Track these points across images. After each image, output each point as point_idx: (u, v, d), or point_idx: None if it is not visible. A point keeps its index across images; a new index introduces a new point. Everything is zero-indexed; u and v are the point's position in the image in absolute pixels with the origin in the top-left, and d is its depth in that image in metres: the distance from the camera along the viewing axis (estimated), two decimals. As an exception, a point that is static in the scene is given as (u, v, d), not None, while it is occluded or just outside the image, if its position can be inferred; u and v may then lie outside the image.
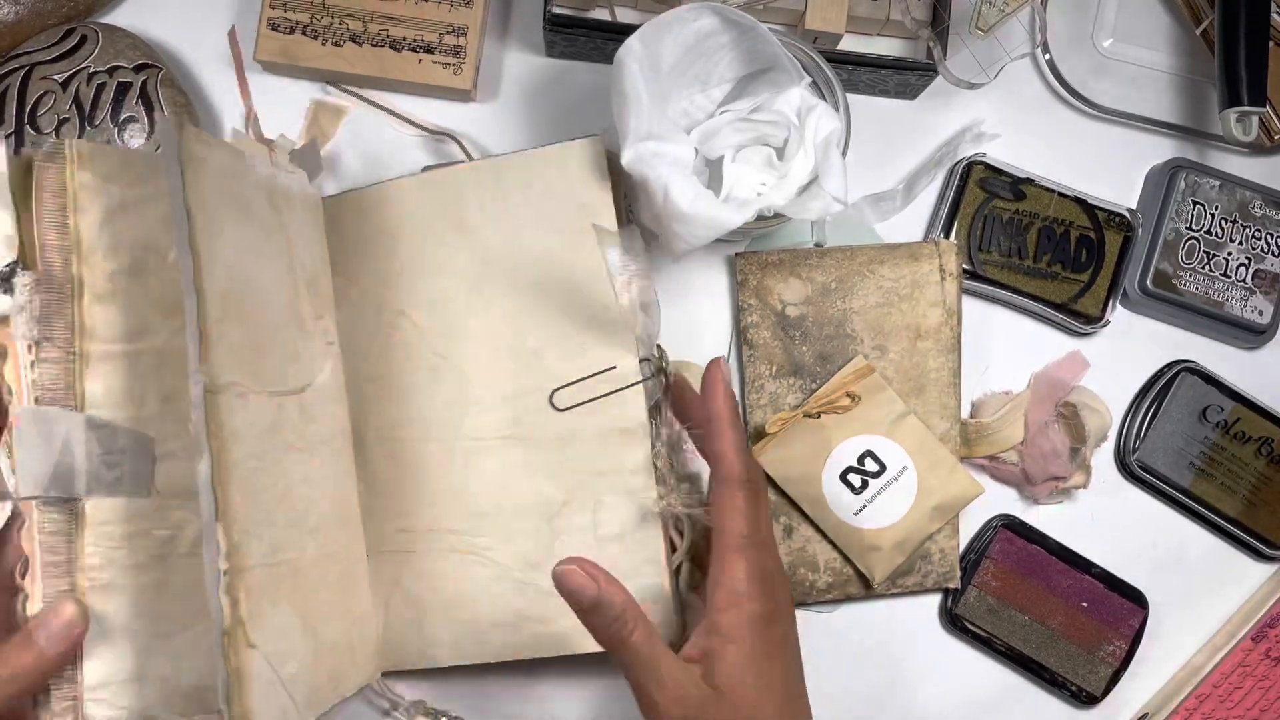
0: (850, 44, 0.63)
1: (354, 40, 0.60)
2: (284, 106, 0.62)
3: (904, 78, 0.62)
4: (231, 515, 0.45)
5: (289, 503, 0.50)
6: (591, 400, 0.55)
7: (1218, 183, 0.64)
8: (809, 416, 0.59)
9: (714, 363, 0.51)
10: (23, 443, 0.42)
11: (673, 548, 0.54)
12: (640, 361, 0.55)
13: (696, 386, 0.60)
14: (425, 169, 0.59)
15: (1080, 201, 0.63)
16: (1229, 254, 0.64)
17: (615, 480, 0.54)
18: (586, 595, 0.44)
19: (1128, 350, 0.65)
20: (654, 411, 0.55)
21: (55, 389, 0.43)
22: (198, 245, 0.45)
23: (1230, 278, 0.64)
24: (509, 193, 0.57)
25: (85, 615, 0.43)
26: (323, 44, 0.59)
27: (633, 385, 0.55)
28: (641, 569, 0.54)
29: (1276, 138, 0.66)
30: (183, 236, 0.45)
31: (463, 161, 0.59)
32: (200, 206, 0.46)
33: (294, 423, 0.51)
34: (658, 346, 0.56)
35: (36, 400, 0.43)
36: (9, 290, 0.44)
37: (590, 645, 0.49)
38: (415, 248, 0.57)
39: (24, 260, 0.44)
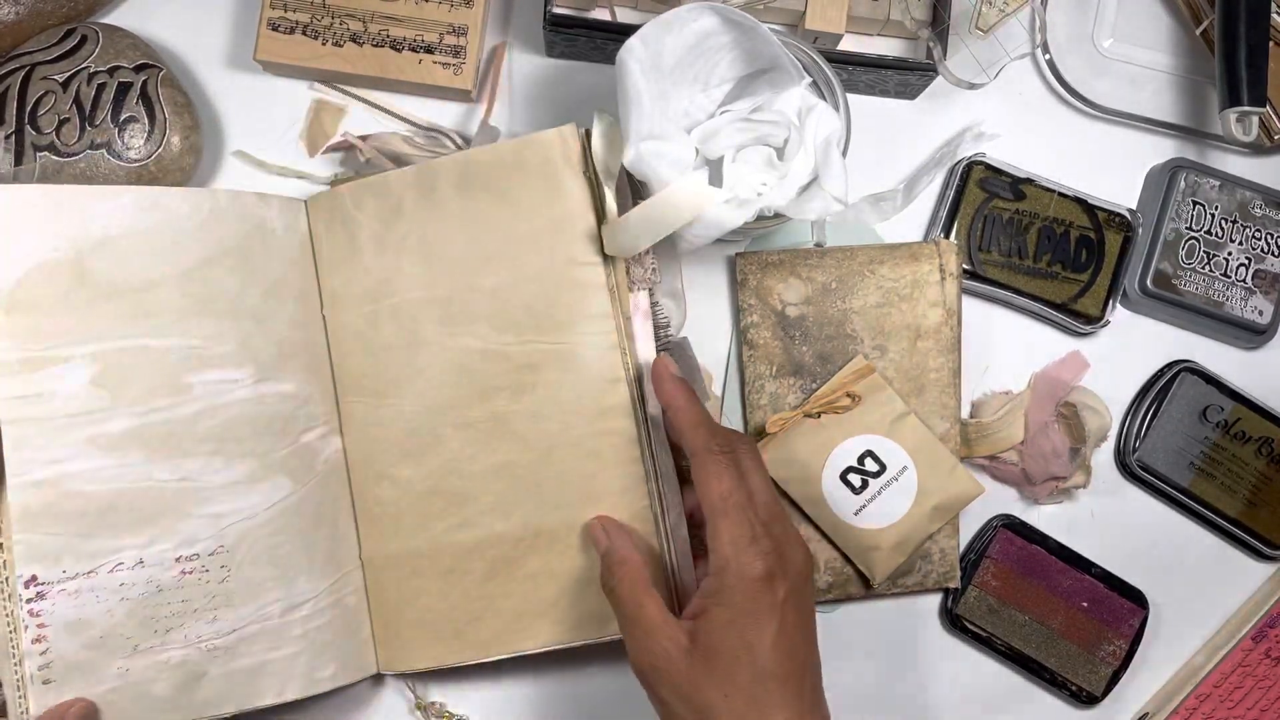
0: (850, 44, 0.63)
1: (354, 40, 0.60)
2: (284, 106, 0.62)
3: (904, 78, 0.62)
4: None
5: None
6: None
7: (1218, 183, 0.64)
8: (809, 416, 0.59)
9: (657, 359, 0.54)
10: None
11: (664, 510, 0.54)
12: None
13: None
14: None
15: (1080, 201, 0.63)
16: (1229, 254, 0.64)
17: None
18: (600, 546, 0.52)
19: (1128, 350, 0.65)
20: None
21: None
22: None
23: (1230, 278, 0.64)
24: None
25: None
26: (323, 44, 0.59)
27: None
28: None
29: (1276, 138, 0.66)
30: None
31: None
32: None
33: None
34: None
35: None
36: None
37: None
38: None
39: None
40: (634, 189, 0.57)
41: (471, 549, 0.55)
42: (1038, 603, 0.62)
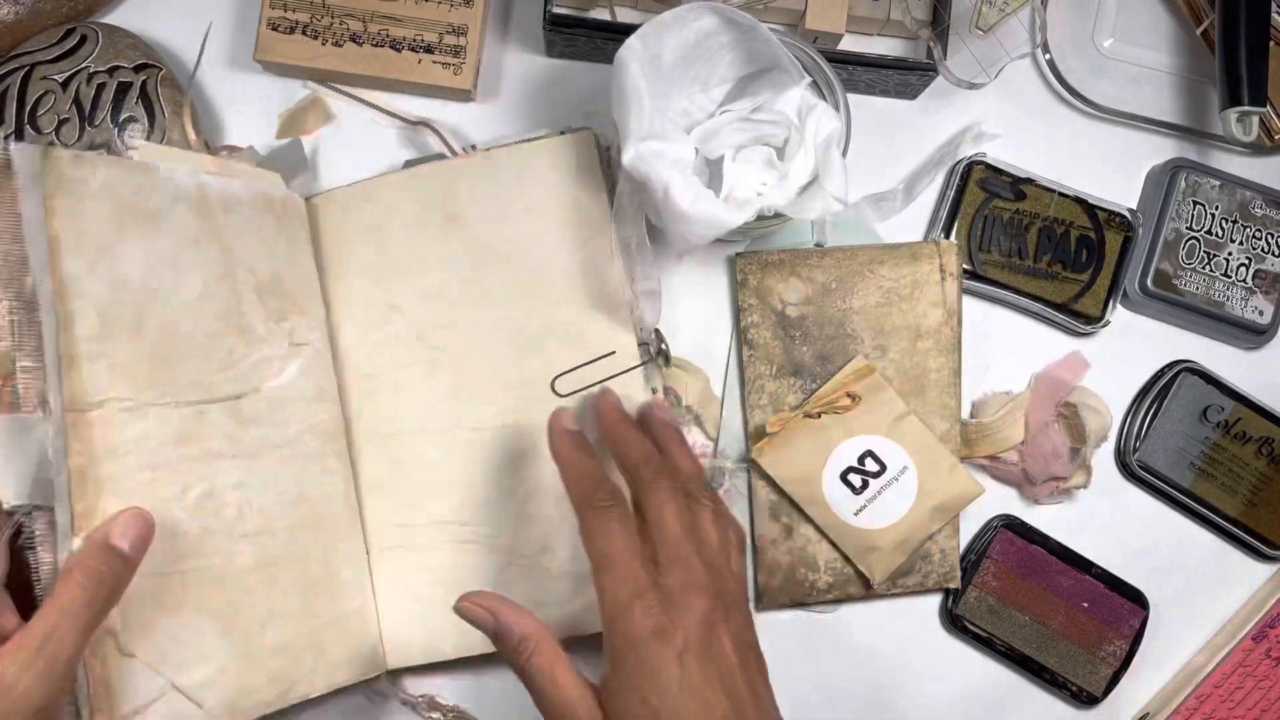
0: (850, 44, 0.63)
1: (354, 40, 0.60)
2: (284, 106, 0.62)
3: (904, 78, 0.62)
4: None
5: (208, 510, 0.50)
6: (593, 385, 0.56)
7: (1218, 183, 0.64)
8: (809, 417, 0.59)
9: (553, 413, 0.51)
10: (2, 453, 0.43)
11: None
12: (639, 346, 0.56)
13: (686, 386, 0.61)
14: (407, 163, 0.60)
15: (1080, 201, 0.63)
16: (1229, 254, 0.64)
17: None
18: (487, 628, 0.46)
19: (1128, 350, 0.65)
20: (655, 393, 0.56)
21: (29, 400, 0.44)
22: (62, 269, 0.46)
23: (1230, 278, 0.64)
24: (501, 185, 0.58)
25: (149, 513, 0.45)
26: (323, 44, 0.59)
27: (632, 369, 0.55)
28: None
29: (1277, 138, 0.66)
30: (40, 259, 0.46)
31: (445, 155, 0.60)
32: (74, 228, 0.47)
33: (223, 429, 0.51)
34: (655, 332, 0.56)
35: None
36: None
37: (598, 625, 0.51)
38: (404, 242, 0.58)
39: None
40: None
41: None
42: (1038, 603, 0.62)
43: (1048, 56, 0.65)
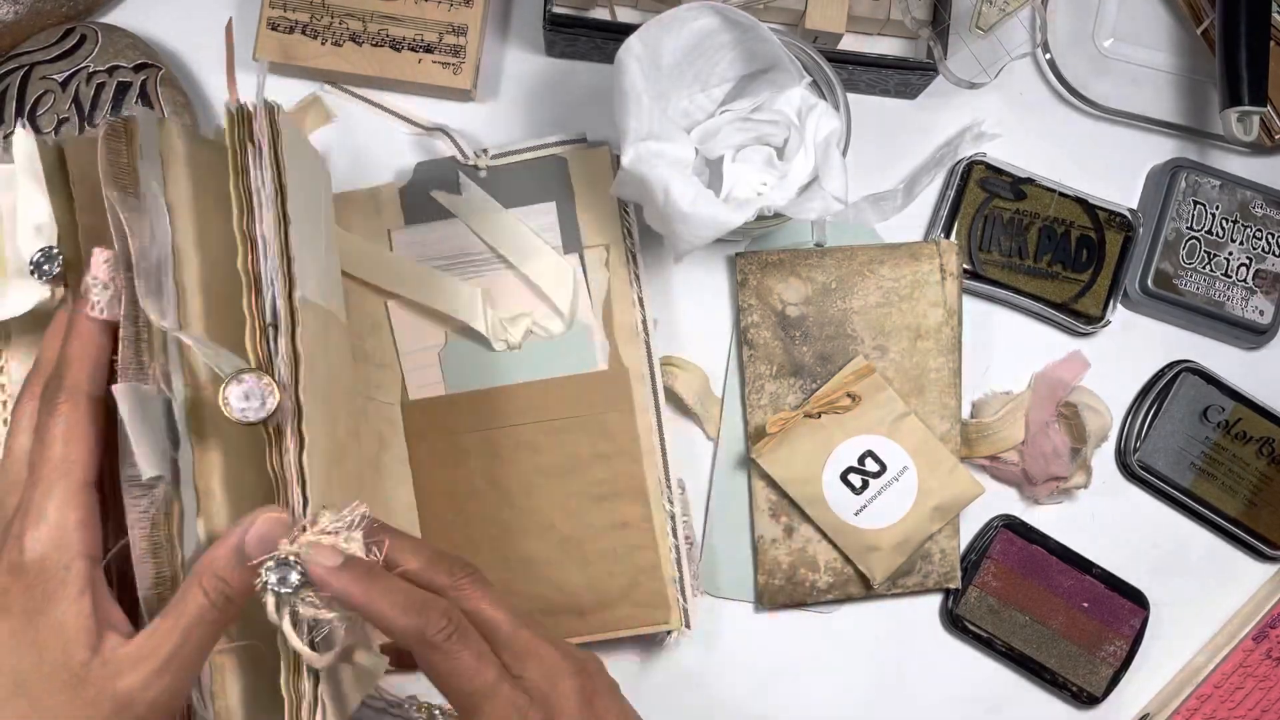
0: (850, 43, 0.63)
1: (354, 40, 0.60)
2: (284, 105, 0.62)
3: (904, 77, 0.62)
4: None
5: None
6: None
7: (1218, 182, 0.64)
8: (809, 417, 0.59)
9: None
10: (131, 423, 0.40)
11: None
12: None
13: (686, 386, 0.61)
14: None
15: (1081, 201, 0.63)
16: (1230, 254, 0.64)
17: None
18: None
19: (1128, 350, 0.65)
20: None
21: (129, 369, 0.41)
22: (176, 242, 0.43)
23: (1231, 278, 0.64)
24: None
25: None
26: (322, 43, 0.59)
27: None
28: None
29: (1277, 137, 0.66)
30: (163, 230, 0.43)
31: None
32: (181, 200, 0.45)
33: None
34: None
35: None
36: (47, 277, 0.42)
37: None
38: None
39: (65, 244, 0.43)
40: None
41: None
42: (1038, 603, 0.62)
43: (1048, 56, 0.65)
